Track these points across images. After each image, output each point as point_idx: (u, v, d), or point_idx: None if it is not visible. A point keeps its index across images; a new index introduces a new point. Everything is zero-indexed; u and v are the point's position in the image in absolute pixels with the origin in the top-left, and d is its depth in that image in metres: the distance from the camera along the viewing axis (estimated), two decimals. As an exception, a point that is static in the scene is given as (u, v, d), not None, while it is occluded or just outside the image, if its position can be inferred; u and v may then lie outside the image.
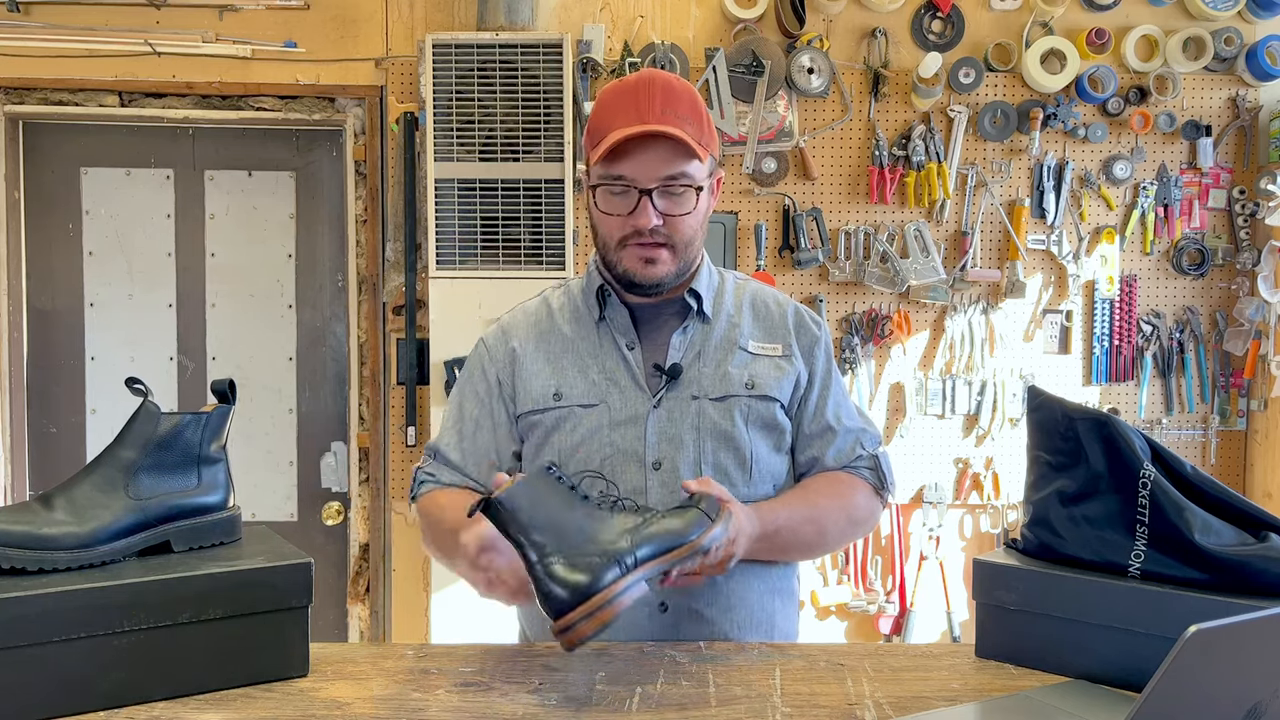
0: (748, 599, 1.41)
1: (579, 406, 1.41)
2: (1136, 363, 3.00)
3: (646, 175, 1.33)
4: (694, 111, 1.36)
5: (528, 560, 1.01)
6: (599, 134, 1.35)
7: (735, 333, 1.45)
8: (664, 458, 1.39)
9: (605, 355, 1.43)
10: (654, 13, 2.91)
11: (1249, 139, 2.98)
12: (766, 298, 1.51)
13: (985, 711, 1.04)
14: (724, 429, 1.40)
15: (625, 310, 1.44)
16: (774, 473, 1.45)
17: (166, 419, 1.13)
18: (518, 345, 1.47)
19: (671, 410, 1.40)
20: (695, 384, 1.41)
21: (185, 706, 1.03)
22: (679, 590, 1.36)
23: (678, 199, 1.35)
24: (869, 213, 2.95)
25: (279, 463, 3.11)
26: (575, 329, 1.46)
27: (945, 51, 2.90)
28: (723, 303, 1.47)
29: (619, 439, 1.39)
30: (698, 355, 1.43)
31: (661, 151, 1.33)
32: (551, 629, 1.02)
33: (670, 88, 1.36)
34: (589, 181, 1.39)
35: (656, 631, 1.37)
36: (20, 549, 1.02)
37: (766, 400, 1.43)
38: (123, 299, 3.07)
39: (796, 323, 1.49)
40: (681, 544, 1.09)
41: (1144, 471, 1.10)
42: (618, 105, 1.34)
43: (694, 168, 1.35)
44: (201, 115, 2.96)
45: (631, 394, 1.41)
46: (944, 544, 3.00)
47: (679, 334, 1.43)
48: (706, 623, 1.39)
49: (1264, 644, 0.74)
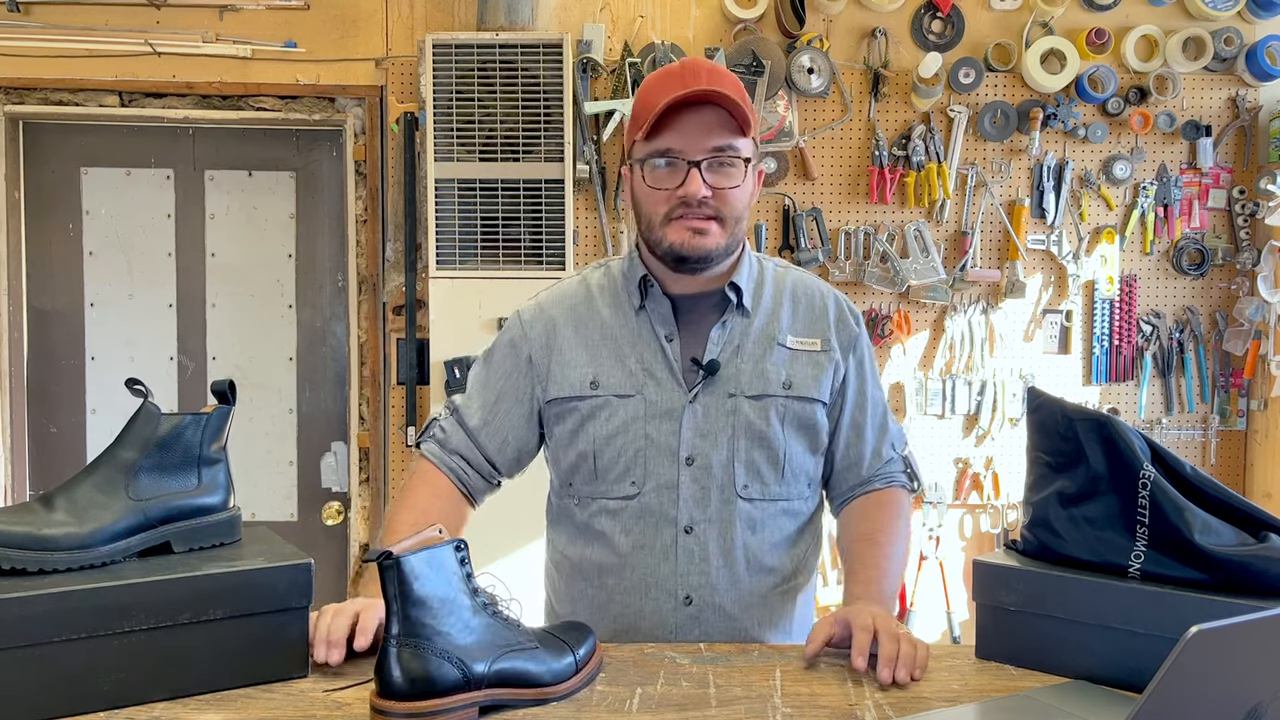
0: (769, 599, 1.42)
1: (615, 396, 1.40)
2: (1136, 363, 3.00)
3: (694, 147, 1.31)
4: (739, 91, 1.34)
5: (388, 629, 0.98)
6: (645, 112, 1.33)
7: (774, 326, 1.43)
8: (697, 453, 1.38)
9: (644, 345, 1.41)
10: (654, 13, 2.91)
11: (1249, 139, 2.98)
12: (809, 287, 1.49)
13: (985, 712, 1.04)
14: (759, 428, 1.39)
15: (667, 301, 1.41)
16: (807, 472, 1.45)
17: (167, 420, 1.13)
18: (556, 328, 1.45)
19: (708, 406, 1.39)
20: (733, 381, 1.40)
21: (185, 707, 1.03)
22: (703, 586, 1.38)
23: (726, 172, 1.33)
24: (869, 213, 2.94)
25: (279, 463, 3.11)
26: (614, 314, 1.44)
27: (945, 51, 2.90)
28: (762, 294, 1.45)
29: (654, 432, 1.38)
30: (736, 350, 1.41)
31: (709, 121, 1.31)
32: (371, 701, 0.99)
33: (715, 67, 1.36)
34: (634, 158, 1.37)
35: (681, 621, 1.38)
36: (21, 549, 1.02)
37: (805, 401, 1.42)
38: (123, 299, 3.07)
39: (837, 316, 1.47)
40: (533, 686, 1.05)
41: (1144, 472, 1.10)
42: (663, 83, 1.33)
43: (741, 143, 1.34)
44: (201, 115, 2.96)
45: (668, 387, 1.39)
46: (944, 544, 3.00)
47: (718, 328, 1.41)
48: (728, 618, 1.39)
49: (1264, 644, 0.74)
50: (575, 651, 1.11)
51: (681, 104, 1.30)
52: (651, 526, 1.39)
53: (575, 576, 1.46)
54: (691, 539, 1.38)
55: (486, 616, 1.04)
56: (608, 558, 1.41)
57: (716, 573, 1.38)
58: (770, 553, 1.41)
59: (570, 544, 1.46)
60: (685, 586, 1.38)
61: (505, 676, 1.03)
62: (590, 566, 1.43)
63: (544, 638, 1.11)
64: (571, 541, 1.46)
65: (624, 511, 1.40)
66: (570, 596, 1.46)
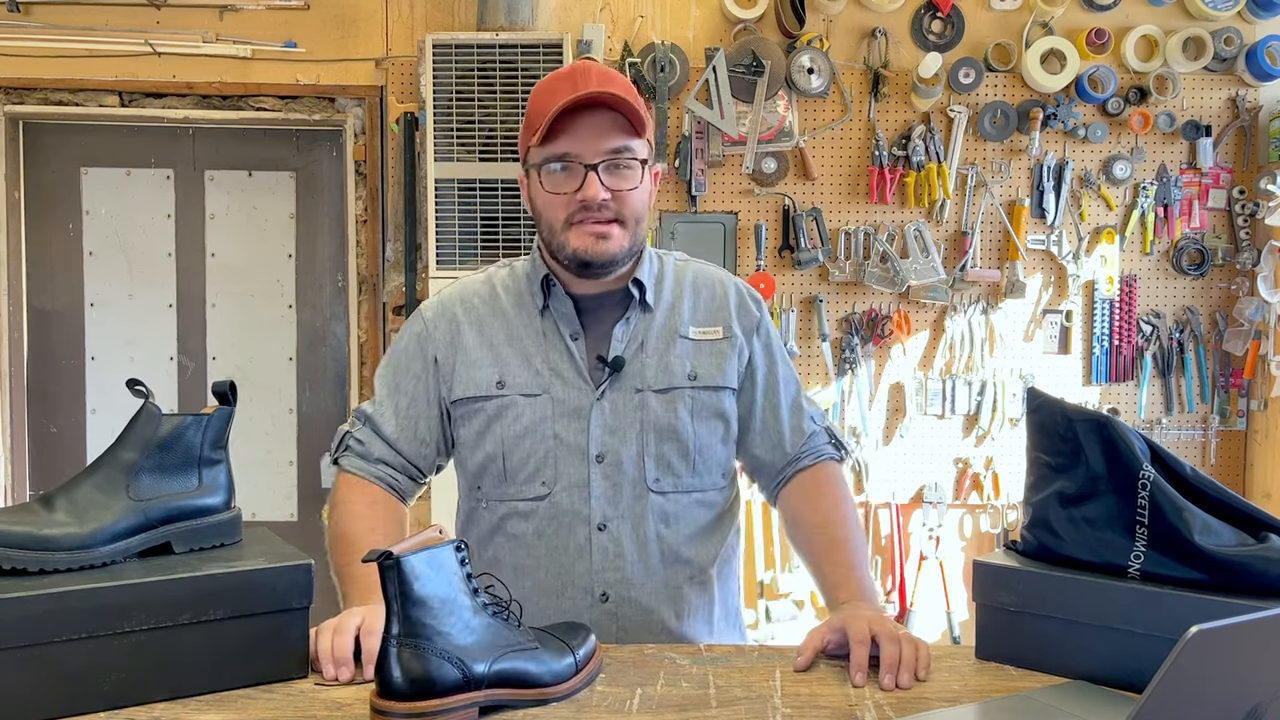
0: (686, 591, 1.41)
1: (521, 396, 1.39)
2: (1136, 363, 3.00)
3: (590, 150, 1.32)
4: (630, 92, 1.34)
5: (389, 628, 0.98)
6: (538, 117, 1.33)
7: (675, 320, 1.44)
8: (607, 450, 1.38)
9: (549, 345, 1.41)
10: (654, 13, 2.91)
11: (1249, 139, 2.98)
12: (708, 278, 1.49)
13: (985, 712, 1.04)
14: (667, 422, 1.39)
15: (569, 300, 1.41)
16: (720, 462, 1.44)
17: (167, 420, 1.13)
18: (460, 326, 1.44)
19: (615, 403, 1.39)
20: (638, 376, 1.40)
21: (185, 707, 1.03)
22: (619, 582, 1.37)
23: (623, 174, 1.34)
24: (869, 213, 2.95)
25: (279, 463, 3.11)
26: (519, 314, 1.44)
27: (945, 51, 2.90)
28: (663, 289, 1.45)
29: (562, 431, 1.38)
30: (640, 346, 1.41)
31: (603, 123, 1.32)
32: (371, 701, 0.98)
33: (605, 70, 1.36)
34: (530, 164, 1.37)
35: (598, 618, 1.37)
36: (21, 550, 1.02)
37: (712, 390, 1.42)
38: (123, 299, 3.07)
39: (738, 303, 1.47)
40: (533, 687, 1.05)
41: (1143, 472, 1.10)
42: (554, 88, 1.33)
43: (636, 144, 1.34)
44: (201, 115, 2.96)
45: (575, 386, 1.39)
46: (944, 544, 3.00)
47: (622, 325, 1.41)
48: (644, 611, 1.38)
49: (1264, 645, 0.74)
50: (575, 652, 1.12)
51: (574, 108, 1.30)
52: (564, 526, 1.38)
53: (488, 579, 1.44)
54: (605, 536, 1.38)
55: (487, 617, 1.04)
56: (521, 559, 1.40)
57: (631, 567, 1.38)
58: (686, 544, 1.41)
59: (482, 547, 1.45)
60: (601, 583, 1.37)
61: (505, 677, 1.03)
62: (504, 568, 1.41)
63: (544, 638, 1.11)
64: (483, 545, 1.45)
65: (535, 513, 1.39)
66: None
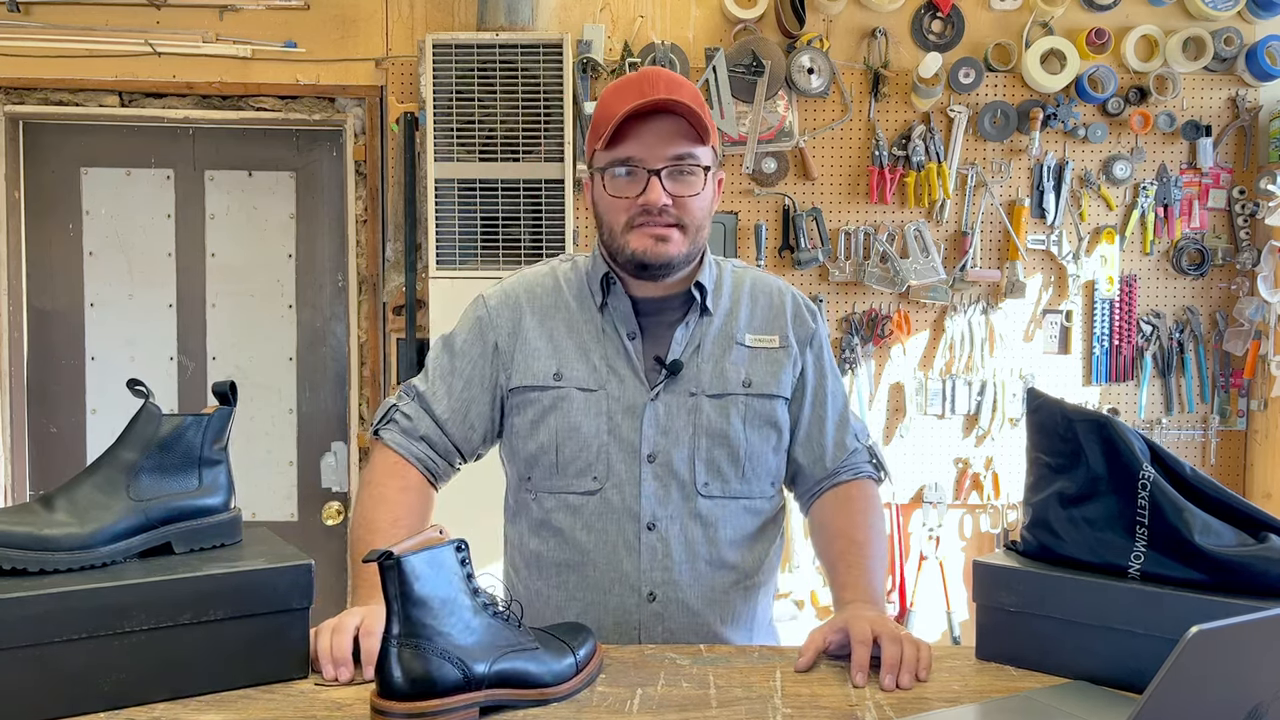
0: (731, 596, 1.42)
1: (577, 390, 1.41)
2: (1136, 363, 3.00)
3: (654, 155, 1.33)
4: (697, 100, 1.36)
5: (389, 628, 0.98)
6: (604, 122, 1.35)
7: (732, 326, 1.45)
8: (659, 451, 1.39)
9: (607, 342, 1.43)
10: (654, 13, 2.91)
11: (1249, 139, 2.98)
12: (766, 286, 1.51)
13: (985, 712, 1.04)
14: (719, 427, 1.40)
15: (628, 300, 1.43)
16: (770, 470, 1.46)
17: (168, 421, 1.13)
18: (522, 315, 1.46)
19: (669, 404, 1.40)
20: (694, 380, 1.41)
21: (186, 707, 1.03)
22: (667, 583, 1.38)
23: (686, 180, 1.35)
24: (869, 213, 2.95)
25: (279, 463, 3.11)
26: (580, 309, 1.45)
27: (945, 51, 2.90)
28: (721, 294, 1.47)
29: (615, 428, 1.39)
30: (698, 350, 1.43)
31: (668, 129, 1.34)
32: (372, 701, 0.99)
33: (673, 77, 1.38)
34: (595, 167, 1.39)
35: (645, 618, 1.38)
36: (22, 550, 1.02)
37: (766, 398, 1.43)
38: (123, 299, 3.07)
39: (794, 312, 1.49)
40: (533, 687, 1.05)
41: (1143, 473, 1.10)
42: (622, 93, 1.35)
43: (701, 151, 1.36)
44: (201, 115, 2.96)
45: (631, 384, 1.40)
46: (944, 544, 3.00)
47: (682, 328, 1.42)
48: (692, 613, 1.39)
49: (1265, 645, 0.74)
50: (576, 652, 1.12)
51: (641, 113, 1.32)
52: (614, 523, 1.39)
53: (534, 574, 1.45)
54: (654, 535, 1.39)
55: (487, 617, 1.04)
56: (569, 554, 1.41)
57: (679, 569, 1.39)
58: (730, 549, 1.42)
59: (529, 540, 1.46)
60: (649, 583, 1.38)
61: (506, 677, 1.03)
62: (549, 564, 1.42)
63: (544, 638, 1.11)
64: (530, 537, 1.45)
65: (584, 507, 1.40)
66: (528, 595, 1.46)
